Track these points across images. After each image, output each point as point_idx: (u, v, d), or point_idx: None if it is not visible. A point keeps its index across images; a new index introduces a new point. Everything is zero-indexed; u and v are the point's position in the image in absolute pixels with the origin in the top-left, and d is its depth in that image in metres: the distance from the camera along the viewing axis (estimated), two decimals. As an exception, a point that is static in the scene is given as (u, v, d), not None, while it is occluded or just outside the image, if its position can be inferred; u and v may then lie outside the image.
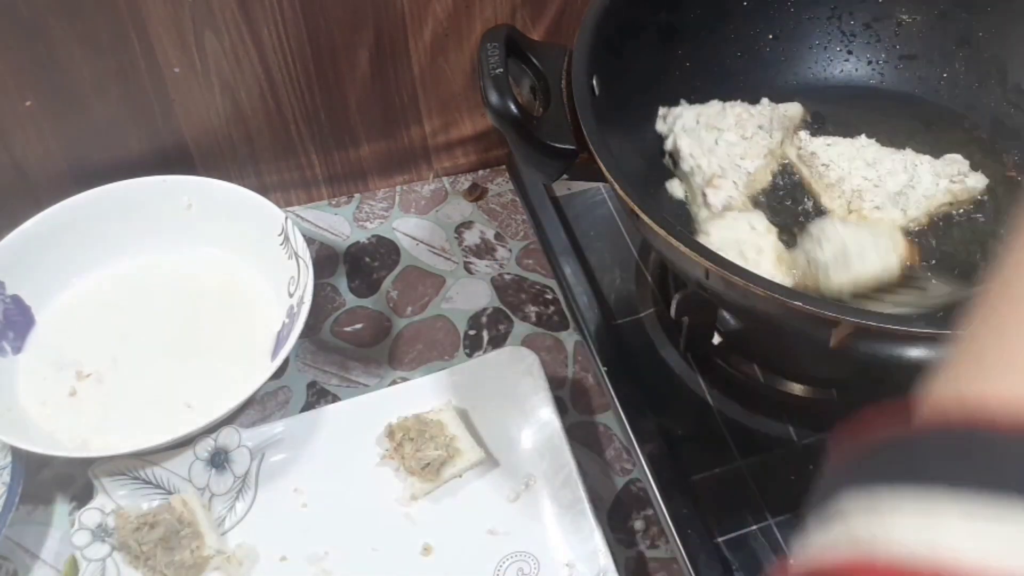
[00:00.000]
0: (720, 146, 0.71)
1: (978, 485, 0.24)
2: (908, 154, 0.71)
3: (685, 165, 0.71)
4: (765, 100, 0.75)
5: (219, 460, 0.67)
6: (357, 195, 0.89)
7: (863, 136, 0.73)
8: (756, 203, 0.70)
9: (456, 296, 0.82)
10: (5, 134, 0.75)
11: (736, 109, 0.73)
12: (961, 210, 0.70)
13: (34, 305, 0.75)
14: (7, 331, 0.73)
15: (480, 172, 0.91)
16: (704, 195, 0.69)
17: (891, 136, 0.73)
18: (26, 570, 0.66)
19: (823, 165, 0.71)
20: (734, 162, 0.71)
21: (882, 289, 0.64)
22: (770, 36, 0.78)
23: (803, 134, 0.74)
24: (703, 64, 0.76)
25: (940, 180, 0.69)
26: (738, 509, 0.65)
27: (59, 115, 0.75)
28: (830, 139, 0.73)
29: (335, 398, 0.75)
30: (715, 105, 0.73)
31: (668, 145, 0.72)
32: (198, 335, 0.75)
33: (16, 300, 0.74)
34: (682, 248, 0.54)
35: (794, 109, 0.75)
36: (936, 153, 0.72)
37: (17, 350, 0.73)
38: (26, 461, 0.66)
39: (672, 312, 0.70)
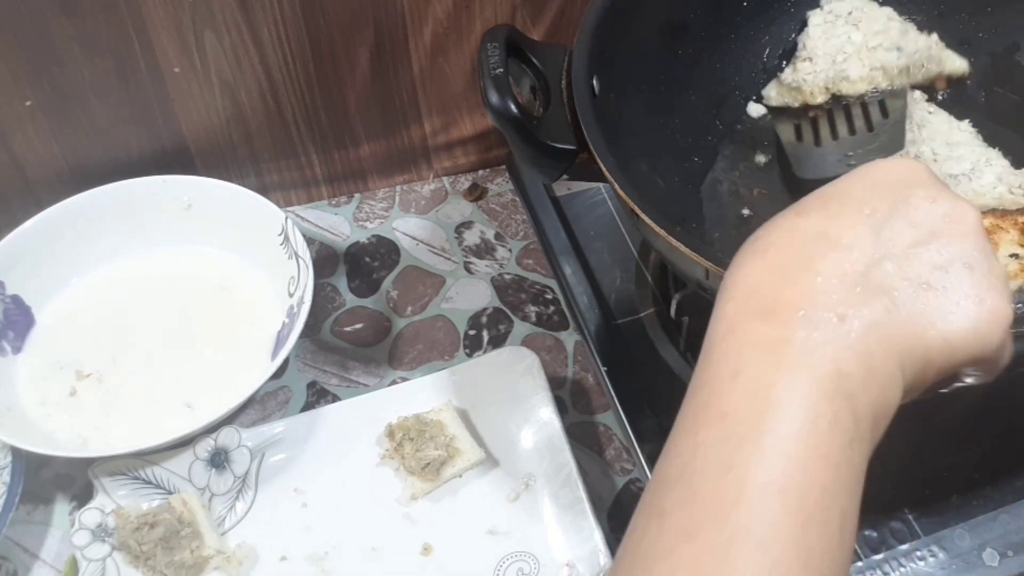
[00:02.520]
0: (840, 39, 0.73)
1: None
2: (992, 152, 0.71)
3: (800, 40, 0.75)
4: (935, 36, 0.76)
5: (219, 460, 0.67)
6: (357, 195, 0.89)
7: (967, 121, 0.73)
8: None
9: (456, 296, 0.82)
10: (5, 134, 0.75)
11: (894, 23, 0.74)
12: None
13: (34, 305, 0.75)
14: (7, 331, 0.73)
15: (480, 172, 0.91)
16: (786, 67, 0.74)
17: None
18: (26, 570, 0.66)
19: (909, 121, 0.72)
20: (835, 57, 0.73)
21: None
22: (768, 37, 0.78)
23: (917, 93, 0.75)
24: (703, 64, 0.76)
25: (999, 185, 0.69)
26: (738, 509, 0.65)
27: (59, 115, 0.75)
28: (934, 108, 0.74)
29: (335, 398, 0.75)
30: (882, 10, 0.75)
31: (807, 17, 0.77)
32: (198, 335, 0.75)
33: (16, 300, 0.74)
34: (682, 248, 0.54)
35: (955, 63, 0.76)
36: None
37: (17, 350, 0.73)
38: (26, 461, 0.66)
39: (672, 312, 0.70)
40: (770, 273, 0.37)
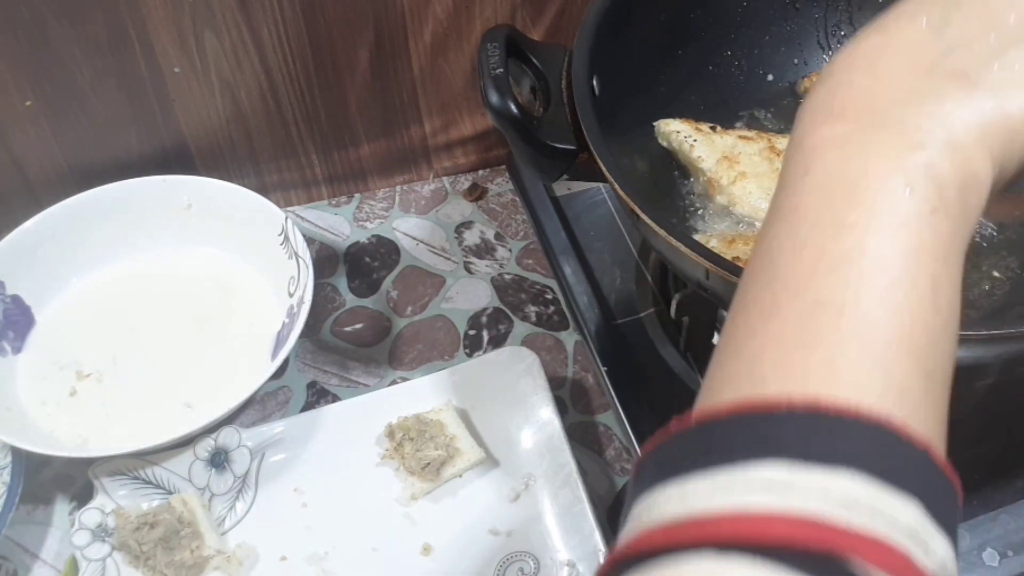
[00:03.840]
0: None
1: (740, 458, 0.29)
2: None
3: None
4: None
5: (219, 460, 0.67)
6: (357, 195, 0.89)
7: None
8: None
9: (456, 296, 0.82)
10: (5, 134, 0.75)
11: None
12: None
13: (34, 305, 0.75)
14: (7, 331, 0.73)
15: (480, 172, 0.92)
16: None
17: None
18: (26, 570, 0.66)
19: None
20: None
21: None
22: (768, 37, 0.78)
23: None
24: (703, 64, 0.76)
25: None
26: (738, 509, 0.65)
27: (59, 115, 0.75)
28: None
29: (335, 398, 0.75)
30: None
31: None
32: (198, 335, 0.75)
33: (16, 300, 0.74)
34: (682, 248, 0.54)
35: None
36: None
37: (17, 350, 0.73)
38: (26, 461, 0.66)
39: (672, 312, 0.70)
40: (831, 90, 0.36)
